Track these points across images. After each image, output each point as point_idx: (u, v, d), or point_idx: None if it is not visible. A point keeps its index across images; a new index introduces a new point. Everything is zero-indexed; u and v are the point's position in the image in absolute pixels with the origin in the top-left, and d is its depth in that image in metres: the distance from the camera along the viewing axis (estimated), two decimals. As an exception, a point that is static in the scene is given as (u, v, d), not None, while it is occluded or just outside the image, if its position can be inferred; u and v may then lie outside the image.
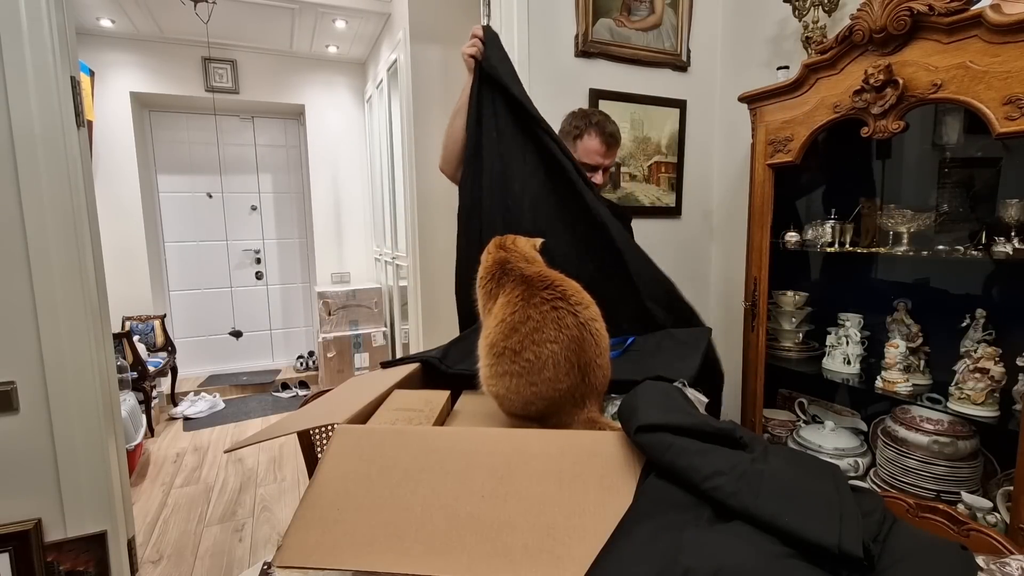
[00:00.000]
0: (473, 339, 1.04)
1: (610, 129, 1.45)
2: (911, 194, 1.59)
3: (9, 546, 1.37)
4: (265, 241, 4.43)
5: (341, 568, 0.56)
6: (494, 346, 0.82)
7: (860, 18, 1.30)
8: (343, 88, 4.25)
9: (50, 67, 1.35)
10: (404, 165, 3.07)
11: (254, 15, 3.31)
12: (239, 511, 2.32)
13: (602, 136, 1.44)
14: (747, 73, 2.06)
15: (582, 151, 1.45)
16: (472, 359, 0.99)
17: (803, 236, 1.66)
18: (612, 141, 1.46)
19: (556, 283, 0.85)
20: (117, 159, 3.63)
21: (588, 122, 1.45)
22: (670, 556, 0.51)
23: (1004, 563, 0.61)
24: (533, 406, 0.81)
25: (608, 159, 1.47)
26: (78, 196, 1.43)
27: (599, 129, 1.44)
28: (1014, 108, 1.06)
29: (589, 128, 1.45)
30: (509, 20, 1.84)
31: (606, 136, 1.44)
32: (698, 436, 0.64)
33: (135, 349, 3.01)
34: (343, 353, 3.83)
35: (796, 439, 1.64)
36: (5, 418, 1.37)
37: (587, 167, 1.42)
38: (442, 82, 2.85)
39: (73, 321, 1.41)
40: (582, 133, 1.46)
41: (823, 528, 0.51)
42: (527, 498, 0.62)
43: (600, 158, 1.45)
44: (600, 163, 1.45)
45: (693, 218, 2.27)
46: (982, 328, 1.34)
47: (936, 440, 1.31)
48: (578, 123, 1.48)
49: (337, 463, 0.68)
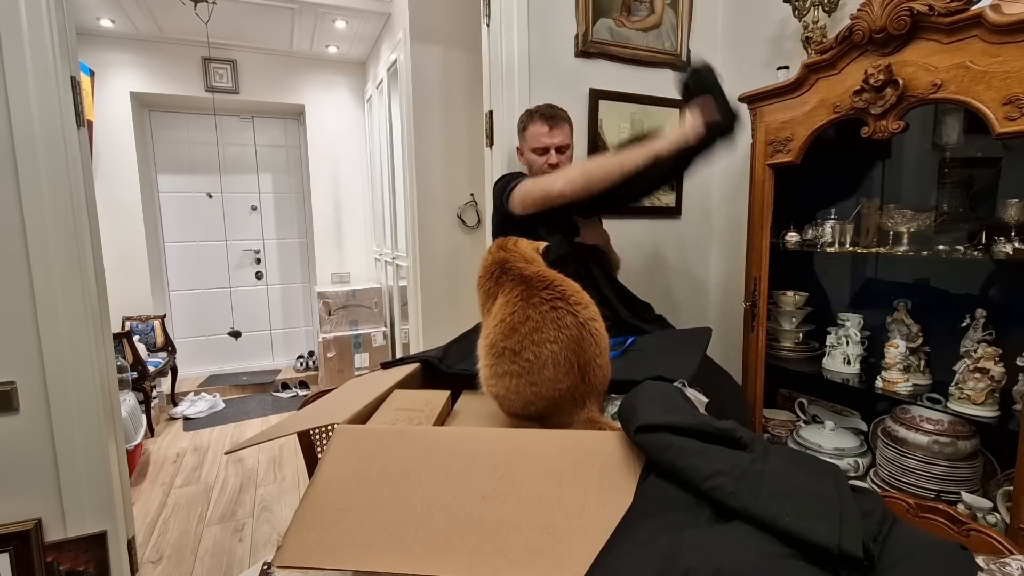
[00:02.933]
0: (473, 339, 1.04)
1: (550, 112, 1.52)
2: (911, 194, 1.59)
3: (9, 546, 1.37)
4: (265, 241, 4.43)
5: (341, 568, 0.56)
6: (494, 346, 0.82)
7: (860, 18, 1.30)
8: (343, 88, 4.25)
9: (50, 67, 1.35)
10: (404, 165, 3.07)
11: (254, 15, 3.31)
12: (239, 511, 2.32)
13: (542, 119, 1.51)
14: (747, 73, 2.06)
15: (530, 139, 1.53)
16: (472, 359, 0.99)
17: (803, 236, 1.66)
18: (553, 122, 1.51)
19: (555, 283, 0.85)
20: (117, 159, 3.63)
21: (530, 113, 1.55)
22: (670, 556, 0.51)
23: (1004, 563, 0.61)
24: (533, 406, 0.81)
25: (555, 138, 1.50)
26: (78, 196, 1.43)
27: (540, 114, 1.52)
28: (1014, 108, 1.06)
29: (532, 117, 1.53)
30: (509, 20, 1.84)
31: (546, 118, 1.51)
32: (698, 436, 0.64)
33: (135, 349, 3.01)
34: (343, 353, 3.82)
35: (796, 439, 1.64)
36: (5, 418, 1.37)
37: (539, 151, 1.52)
38: (442, 82, 2.85)
39: (73, 321, 1.41)
40: (526, 125, 1.55)
41: (823, 528, 0.51)
42: (527, 498, 0.62)
43: (546, 139, 1.50)
44: (547, 143, 1.50)
45: (693, 218, 2.26)
46: (982, 328, 1.34)
47: (936, 440, 1.31)
48: (523, 117, 1.58)
49: (337, 463, 0.68)
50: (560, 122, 1.52)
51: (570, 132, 1.56)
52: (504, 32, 1.85)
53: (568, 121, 1.55)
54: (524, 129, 1.56)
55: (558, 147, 1.51)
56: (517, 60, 1.85)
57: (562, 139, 1.52)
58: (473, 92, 2.79)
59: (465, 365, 1.09)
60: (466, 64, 2.83)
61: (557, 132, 1.51)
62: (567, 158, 1.55)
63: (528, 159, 1.57)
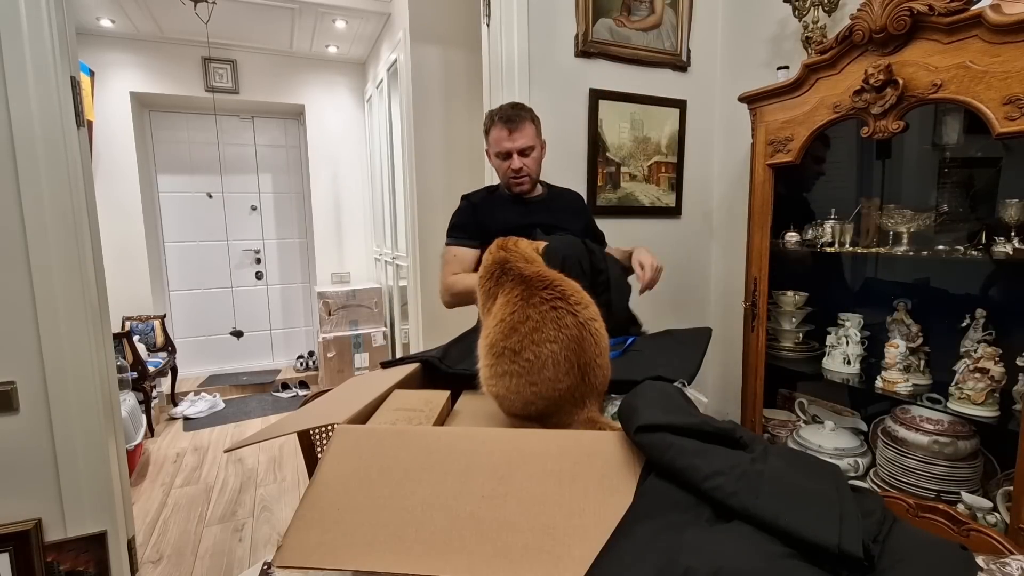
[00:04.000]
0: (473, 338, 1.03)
1: (510, 115, 1.45)
2: (911, 194, 1.59)
3: (9, 546, 1.37)
4: (265, 241, 4.43)
5: (341, 568, 0.56)
6: (494, 346, 0.82)
7: (860, 18, 1.30)
8: (343, 88, 4.25)
9: (50, 67, 1.35)
10: (404, 165, 3.07)
11: (254, 15, 3.31)
12: (239, 511, 2.32)
13: (502, 122, 1.45)
14: (747, 73, 2.06)
15: (492, 143, 1.48)
16: (472, 359, 0.98)
17: (803, 236, 1.66)
18: (513, 125, 1.44)
19: (555, 283, 0.85)
20: (117, 159, 3.63)
21: (491, 116, 1.49)
22: (670, 556, 0.51)
23: (1004, 563, 0.61)
24: (533, 406, 0.81)
25: (516, 142, 1.44)
26: (78, 196, 1.43)
27: (500, 117, 1.46)
28: (1014, 108, 1.06)
29: (493, 121, 1.48)
30: (509, 20, 1.84)
31: (505, 122, 1.45)
32: (698, 436, 0.64)
33: (135, 349, 3.01)
34: (343, 353, 3.82)
35: (796, 439, 1.64)
36: (5, 418, 1.37)
37: (501, 156, 1.47)
38: (442, 82, 2.85)
39: (73, 321, 1.41)
40: (489, 128, 1.49)
41: (823, 528, 0.51)
42: (527, 498, 0.62)
43: (507, 143, 1.44)
44: (508, 148, 1.45)
45: (693, 218, 2.27)
46: (982, 328, 1.34)
47: (936, 440, 1.31)
48: (486, 120, 1.51)
49: (337, 463, 0.68)
50: (521, 123, 1.45)
51: (535, 131, 1.49)
52: (504, 32, 1.85)
53: (532, 120, 1.48)
54: (487, 132, 1.50)
55: (520, 151, 1.46)
56: (517, 60, 1.85)
57: (524, 141, 1.45)
58: (473, 92, 2.80)
59: (465, 365, 1.08)
60: (466, 64, 2.83)
61: (518, 135, 1.44)
62: (533, 160, 1.49)
63: (493, 163, 1.53)
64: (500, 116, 1.47)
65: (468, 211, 1.56)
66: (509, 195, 1.55)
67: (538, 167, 1.53)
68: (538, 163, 1.52)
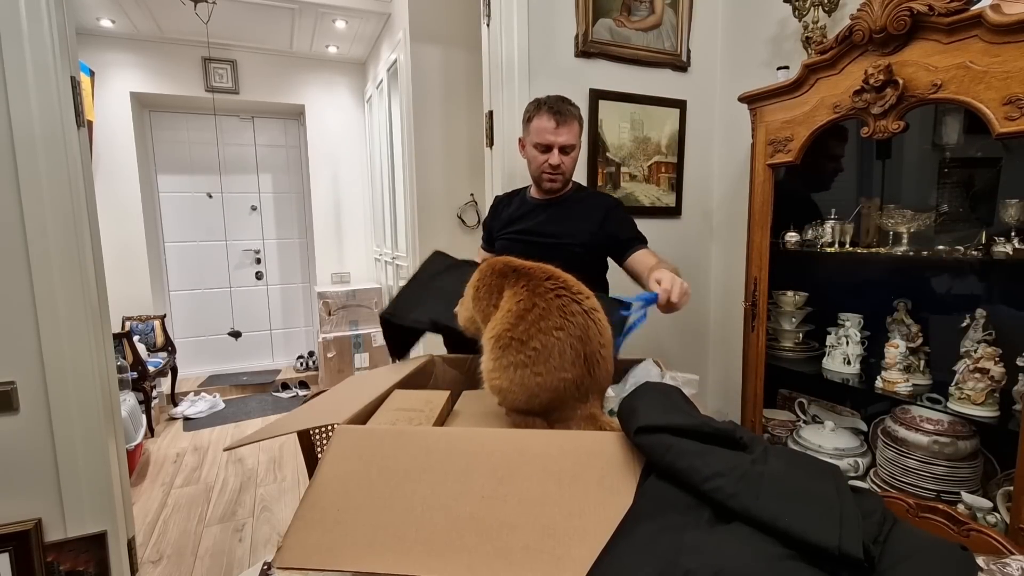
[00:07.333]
0: (415, 288, 1.20)
1: (559, 108, 1.42)
2: (911, 194, 1.59)
3: (9, 546, 1.37)
4: (265, 241, 4.43)
5: (341, 569, 0.56)
6: (500, 337, 0.82)
7: (860, 18, 1.30)
8: (343, 88, 4.25)
9: (50, 67, 1.35)
10: (404, 165, 3.07)
11: (254, 15, 3.31)
12: (239, 511, 2.32)
13: (550, 113, 1.41)
14: (747, 73, 2.06)
15: (533, 132, 1.44)
16: (421, 309, 1.10)
17: (803, 236, 1.66)
18: (561, 119, 1.41)
19: (557, 275, 0.88)
20: (117, 159, 3.63)
21: (538, 104, 1.45)
22: (670, 557, 0.51)
23: (1004, 563, 0.61)
24: (537, 399, 0.81)
25: (561, 136, 1.41)
26: (78, 196, 1.43)
27: (548, 107, 1.42)
28: (1014, 108, 1.06)
29: (539, 109, 1.43)
30: (509, 20, 1.84)
31: (554, 113, 1.41)
32: (698, 437, 0.64)
33: (135, 349, 3.01)
34: (343, 353, 3.82)
35: (796, 439, 1.64)
36: (5, 418, 1.37)
37: (541, 148, 1.43)
38: (442, 82, 2.85)
39: (73, 321, 1.41)
40: (532, 116, 1.45)
41: (823, 529, 0.51)
42: (527, 498, 0.62)
43: (551, 136, 1.41)
44: (551, 141, 1.41)
45: (693, 218, 2.26)
46: (982, 328, 1.34)
47: (936, 440, 1.31)
48: (530, 107, 1.47)
49: (337, 463, 0.68)
50: (569, 119, 1.42)
51: (579, 132, 1.45)
52: (504, 32, 1.85)
53: (579, 119, 1.45)
54: (529, 120, 1.46)
55: (563, 146, 1.42)
56: (517, 60, 1.85)
57: (568, 138, 1.42)
58: (473, 92, 2.80)
59: (416, 315, 1.15)
60: (466, 64, 2.83)
61: (564, 130, 1.41)
62: (571, 159, 1.45)
63: (529, 154, 1.48)
64: (549, 106, 1.42)
65: (490, 212, 1.67)
66: (525, 195, 1.59)
67: (573, 168, 1.50)
68: (575, 164, 1.49)
